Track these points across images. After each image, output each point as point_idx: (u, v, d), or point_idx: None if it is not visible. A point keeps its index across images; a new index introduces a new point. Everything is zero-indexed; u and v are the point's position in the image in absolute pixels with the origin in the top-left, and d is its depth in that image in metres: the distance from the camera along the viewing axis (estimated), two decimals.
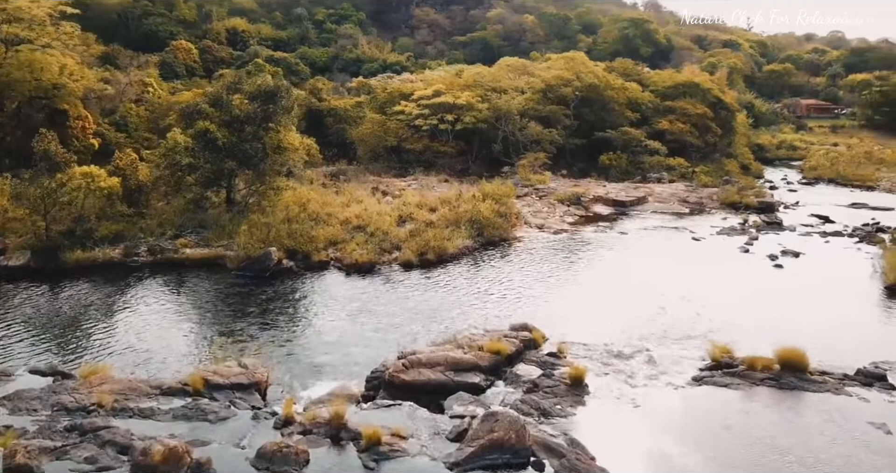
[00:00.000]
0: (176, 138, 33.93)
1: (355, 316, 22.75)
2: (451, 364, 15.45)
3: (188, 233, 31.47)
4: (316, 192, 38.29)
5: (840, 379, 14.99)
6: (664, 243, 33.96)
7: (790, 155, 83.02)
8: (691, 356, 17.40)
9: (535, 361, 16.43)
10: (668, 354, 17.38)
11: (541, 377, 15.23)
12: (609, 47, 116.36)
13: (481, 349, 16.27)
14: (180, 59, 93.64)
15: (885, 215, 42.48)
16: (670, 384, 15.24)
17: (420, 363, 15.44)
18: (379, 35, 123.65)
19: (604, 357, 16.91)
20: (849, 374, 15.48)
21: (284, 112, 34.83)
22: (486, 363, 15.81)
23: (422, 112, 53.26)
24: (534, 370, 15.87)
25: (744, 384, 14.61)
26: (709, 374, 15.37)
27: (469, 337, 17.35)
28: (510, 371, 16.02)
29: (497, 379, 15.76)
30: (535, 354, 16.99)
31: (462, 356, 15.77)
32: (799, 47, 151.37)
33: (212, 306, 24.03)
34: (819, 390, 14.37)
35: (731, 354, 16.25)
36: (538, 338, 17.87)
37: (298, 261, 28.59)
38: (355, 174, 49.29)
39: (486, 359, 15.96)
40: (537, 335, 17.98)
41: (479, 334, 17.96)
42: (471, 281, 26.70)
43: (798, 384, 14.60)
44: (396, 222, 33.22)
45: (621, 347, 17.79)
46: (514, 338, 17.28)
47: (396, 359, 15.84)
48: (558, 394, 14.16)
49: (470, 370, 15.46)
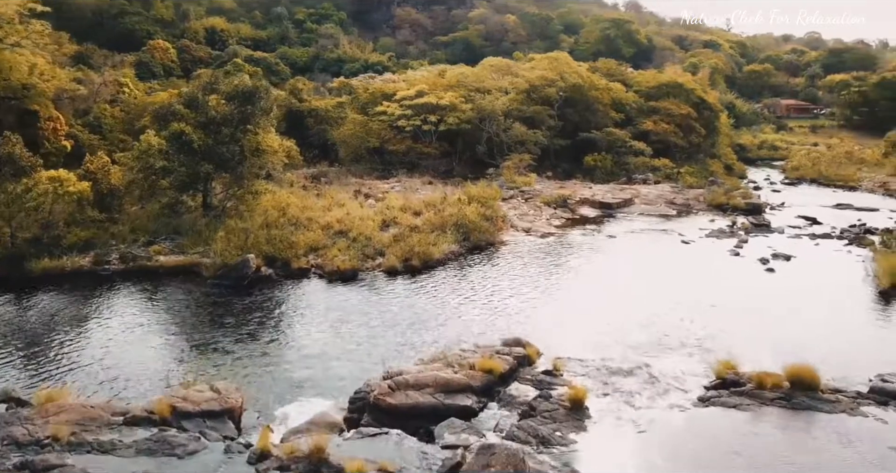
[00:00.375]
0: (150, 141, 32.66)
1: (337, 327, 21.73)
2: (440, 385, 14.46)
3: (162, 239, 30.21)
4: (296, 195, 37.15)
5: (854, 398, 14.23)
6: (653, 246, 33.32)
7: (771, 155, 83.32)
8: (694, 371, 16.60)
9: (530, 380, 15.52)
10: (669, 369, 16.57)
11: (538, 399, 14.28)
12: (591, 48, 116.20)
13: (473, 368, 15.31)
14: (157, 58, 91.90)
15: (870, 216, 42.33)
16: (675, 406, 14.38)
17: (407, 384, 14.43)
18: (360, 35, 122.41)
19: (602, 374, 16.03)
20: (862, 392, 14.72)
21: (263, 113, 33.70)
22: (479, 384, 14.84)
23: (404, 113, 52.29)
24: (529, 390, 14.95)
25: (753, 404, 13.78)
26: (715, 394, 14.53)
27: (459, 354, 16.38)
28: (504, 392, 15.06)
29: (490, 401, 14.78)
30: (529, 372, 16.06)
31: (452, 377, 14.78)
32: (777, 48, 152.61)
33: (186, 317, 22.86)
34: (833, 410, 13.59)
35: (736, 370, 15.46)
36: (532, 354, 16.93)
37: (278, 268, 27.47)
38: (337, 176, 48.20)
39: (478, 379, 14.99)
40: (531, 350, 17.04)
41: (469, 349, 16.99)
42: (458, 289, 25.77)
43: (810, 404, 13.80)
44: (380, 227, 32.20)
45: (619, 362, 16.93)
46: (507, 355, 16.33)
47: (382, 380, 14.81)
48: (557, 419, 13.23)
49: (461, 391, 14.48)
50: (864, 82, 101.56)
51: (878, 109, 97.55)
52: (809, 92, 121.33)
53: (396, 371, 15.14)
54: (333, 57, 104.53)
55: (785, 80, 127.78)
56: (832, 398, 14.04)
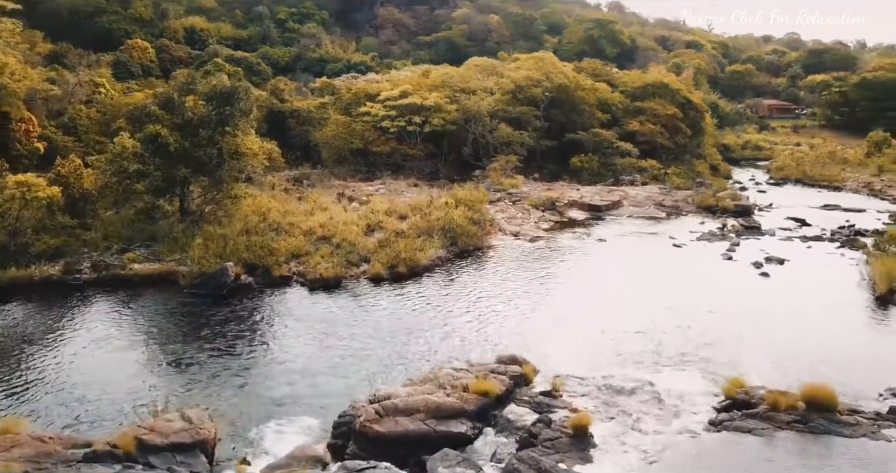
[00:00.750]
0: (124, 143, 31.38)
1: (321, 340, 20.70)
2: (432, 410, 13.48)
3: (137, 246, 28.91)
4: (277, 199, 36.03)
5: (873, 419, 13.47)
6: (645, 250, 32.63)
7: (755, 155, 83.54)
8: (700, 389, 15.80)
9: (527, 401, 14.61)
10: (674, 387, 15.75)
11: (537, 425, 13.37)
12: (575, 48, 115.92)
13: (466, 390, 14.35)
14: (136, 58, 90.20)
15: (858, 217, 42.13)
16: (685, 430, 13.54)
17: (396, 409, 13.45)
18: (343, 34, 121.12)
19: (603, 394, 15.16)
20: (882, 413, 13.96)
21: (242, 115, 32.47)
22: (473, 407, 13.87)
23: (388, 114, 51.27)
24: (527, 413, 14.05)
25: (768, 428, 12.97)
26: (727, 417, 13.71)
27: (451, 374, 15.39)
28: (500, 415, 14.12)
29: (486, 426, 13.83)
30: (526, 392, 15.14)
31: (444, 400, 13.81)
32: (758, 48, 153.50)
33: (159, 330, 21.68)
34: (853, 434, 12.83)
35: (745, 388, 14.68)
36: (529, 373, 15.98)
37: (258, 276, 26.35)
38: (320, 179, 47.09)
39: (473, 402, 14.02)
40: (528, 369, 16.08)
41: (462, 368, 16.02)
42: (446, 297, 24.82)
43: (829, 428, 13.02)
44: (364, 232, 31.17)
45: (621, 379, 16.07)
46: (502, 374, 15.38)
47: (368, 403, 13.80)
48: (560, 448, 12.32)
49: (454, 416, 13.51)
50: (845, 83, 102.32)
51: (858, 110, 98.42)
52: (791, 92, 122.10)
53: (384, 394, 14.14)
54: (316, 57, 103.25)
55: (767, 80, 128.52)
56: (851, 420, 13.28)
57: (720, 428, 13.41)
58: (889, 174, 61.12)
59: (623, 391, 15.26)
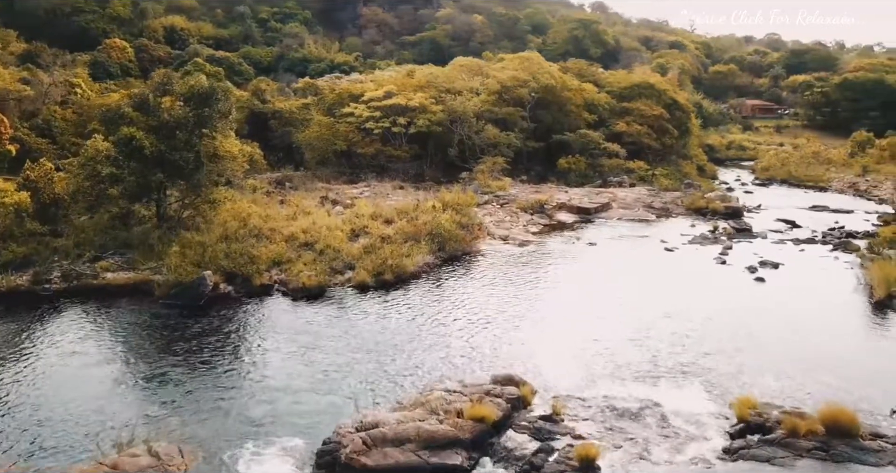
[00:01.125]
0: (96, 146, 30.09)
1: (303, 353, 19.68)
2: (423, 440, 12.54)
3: (110, 254, 27.68)
4: (258, 203, 34.87)
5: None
6: (637, 254, 31.91)
7: (740, 155, 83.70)
8: (709, 409, 14.98)
9: (526, 427, 13.69)
10: (681, 407, 14.91)
11: (539, 455, 12.47)
12: (559, 48, 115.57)
13: (460, 415, 13.42)
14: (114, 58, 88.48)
15: (847, 218, 41.90)
16: (698, 459, 12.68)
17: (385, 439, 12.48)
18: (326, 34, 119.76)
19: (607, 418, 14.26)
20: None
21: (221, 116, 31.29)
22: (469, 435, 12.94)
23: (373, 114, 50.21)
24: (527, 440, 13.10)
25: (787, 456, 12.15)
26: (742, 444, 12.87)
27: (443, 396, 14.45)
28: (498, 443, 13.16)
29: (483, 456, 12.87)
30: (525, 416, 14.20)
31: (437, 428, 12.88)
32: (740, 49, 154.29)
33: (132, 344, 20.52)
34: (879, 461, 12.03)
35: (758, 409, 13.89)
36: (527, 394, 15.02)
37: (238, 285, 25.23)
38: (302, 181, 45.92)
39: (468, 429, 13.09)
40: (526, 390, 15.10)
41: (454, 390, 15.06)
42: (434, 306, 23.86)
43: (852, 455, 12.24)
44: (348, 237, 30.13)
45: (624, 399, 15.18)
46: (498, 396, 14.44)
47: (355, 430, 12.83)
48: None
49: (448, 446, 12.56)
50: (827, 83, 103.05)
51: (840, 110, 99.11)
52: (773, 92, 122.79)
53: (371, 421, 13.16)
54: (298, 57, 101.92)
55: (749, 80, 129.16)
56: (874, 445, 12.52)
57: (735, 457, 12.56)
58: (873, 174, 61.20)
59: (627, 414, 14.37)
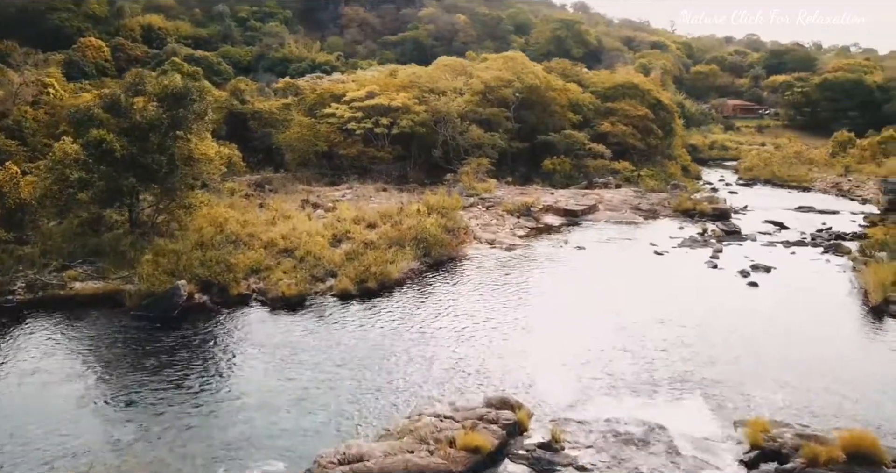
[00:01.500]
0: (65, 149, 28.76)
1: (282, 369, 18.64)
2: None
3: (79, 263, 26.37)
4: (237, 207, 33.68)
5: None
6: (626, 258, 31.19)
7: (722, 155, 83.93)
8: (718, 434, 14.04)
9: (524, 457, 12.76)
10: (688, 432, 13.97)
11: None
12: (541, 48, 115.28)
13: (452, 445, 12.49)
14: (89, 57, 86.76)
15: (833, 219, 41.72)
16: None
17: None
18: (307, 34, 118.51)
19: (611, 445, 13.31)
20: None
21: (197, 117, 30.08)
22: (462, 468, 11.90)
23: (355, 115, 49.16)
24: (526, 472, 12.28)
25: None
26: None
27: (433, 423, 13.46)
28: None
29: None
30: (522, 444, 13.28)
31: (428, 461, 11.90)
32: (721, 49, 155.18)
33: (99, 360, 19.32)
34: None
35: (771, 433, 13.10)
36: (523, 419, 14.03)
37: (214, 295, 24.05)
38: (283, 183, 44.75)
39: (462, 461, 12.10)
40: (522, 415, 14.08)
41: (445, 413, 14.09)
42: (421, 316, 22.88)
43: None
44: (330, 243, 29.07)
45: (626, 422, 14.21)
46: (493, 421, 13.45)
47: (337, 463, 11.86)
48: None
49: None
50: (807, 83, 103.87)
51: (820, 110, 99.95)
52: (754, 92, 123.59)
53: (356, 453, 12.16)
54: (279, 56, 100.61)
55: (730, 80, 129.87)
56: None
57: None
58: (855, 174, 61.45)
59: (632, 441, 13.42)
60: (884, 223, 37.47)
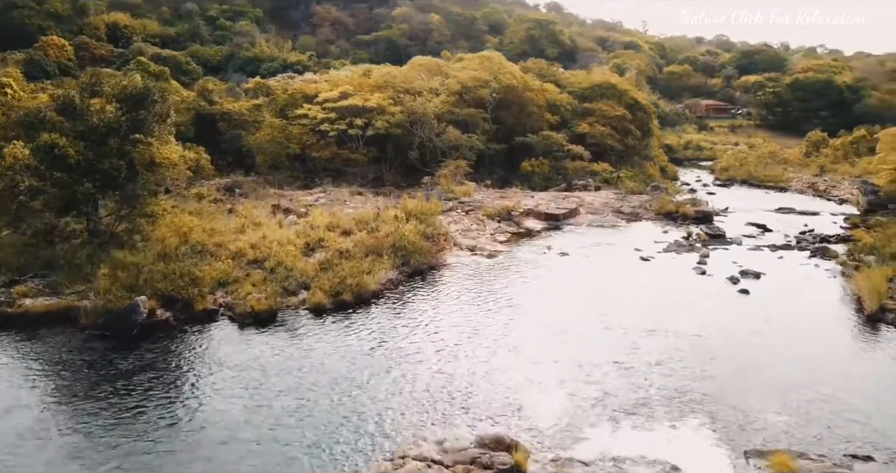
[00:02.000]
0: (15, 154, 26.80)
1: (251, 394, 17.12)
2: None
3: (30, 277, 24.46)
4: (204, 214, 31.88)
5: None
6: (611, 264, 30.12)
7: (697, 155, 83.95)
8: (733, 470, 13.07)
9: None
10: (700, 468, 12.94)
11: None
12: (516, 48, 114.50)
13: None
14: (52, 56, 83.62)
15: (814, 221, 41.45)
16: None
17: None
18: (278, 33, 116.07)
19: None
20: None
21: (159, 120, 28.33)
22: None
23: (328, 116, 47.49)
24: None
25: None
26: None
27: (420, 469, 12.17)
28: None
29: None
30: None
31: None
32: (693, 49, 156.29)
33: (49, 386, 17.60)
34: None
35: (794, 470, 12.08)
36: (521, 461, 12.69)
37: (177, 311, 22.36)
38: (253, 187, 42.89)
39: None
40: (519, 457, 12.72)
41: (432, 455, 12.75)
42: (401, 332, 21.44)
43: None
44: (302, 252, 27.53)
45: (633, 460, 13.08)
46: (488, 467, 12.18)
47: None
48: None
49: None
50: (778, 83, 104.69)
51: (791, 110, 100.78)
52: (726, 92, 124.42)
53: None
54: (249, 56, 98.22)
55: (703, 80, 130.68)
56: None
57: None
58: (830, 174, 61.72)
59: None
60: (865, 225, 37.15)
